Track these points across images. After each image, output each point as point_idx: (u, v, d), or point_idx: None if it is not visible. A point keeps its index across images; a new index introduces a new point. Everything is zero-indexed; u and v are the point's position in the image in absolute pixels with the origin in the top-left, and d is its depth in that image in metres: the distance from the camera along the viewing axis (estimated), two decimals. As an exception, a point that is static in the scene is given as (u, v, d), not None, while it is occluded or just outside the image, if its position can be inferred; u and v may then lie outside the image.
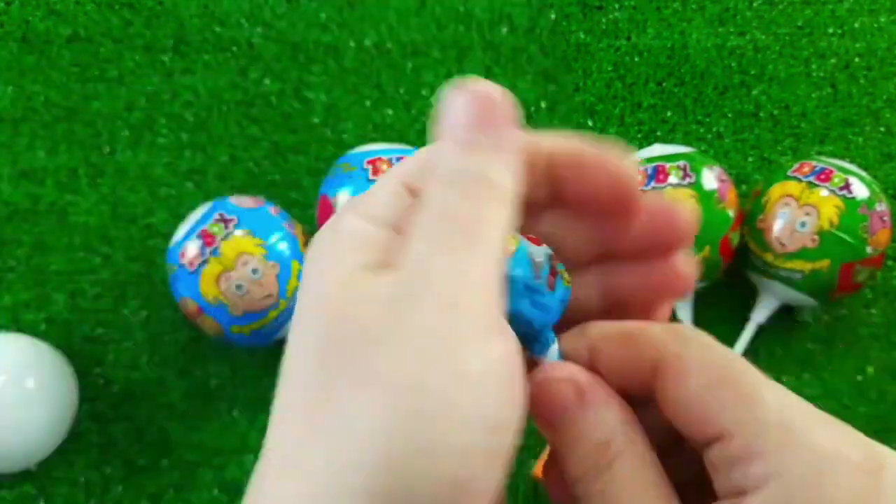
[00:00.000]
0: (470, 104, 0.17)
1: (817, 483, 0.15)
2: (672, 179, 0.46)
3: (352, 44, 0.58)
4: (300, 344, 0.17)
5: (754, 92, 0.58)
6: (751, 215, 0.49)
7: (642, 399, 0.19)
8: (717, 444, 0.17)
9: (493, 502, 0.16)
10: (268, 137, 0.55)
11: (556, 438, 0.19)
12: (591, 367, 0.19)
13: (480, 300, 0.16)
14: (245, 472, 0.48)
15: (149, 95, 0.56)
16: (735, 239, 0.47)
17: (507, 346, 0.16)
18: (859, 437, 0.16)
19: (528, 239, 0.19)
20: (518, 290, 0.18)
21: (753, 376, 0.17)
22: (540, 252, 0.19)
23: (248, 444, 0.49)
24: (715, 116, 0.57)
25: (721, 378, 0.17)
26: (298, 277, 0.45)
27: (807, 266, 0.46)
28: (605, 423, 0.18)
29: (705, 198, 0.45)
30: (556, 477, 0.20)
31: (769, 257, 0.47)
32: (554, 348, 0.19)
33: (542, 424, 0.19)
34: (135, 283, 0.52)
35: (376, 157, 0.47)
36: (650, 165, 0.47)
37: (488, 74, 0.57)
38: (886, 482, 0.15)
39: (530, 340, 0.19)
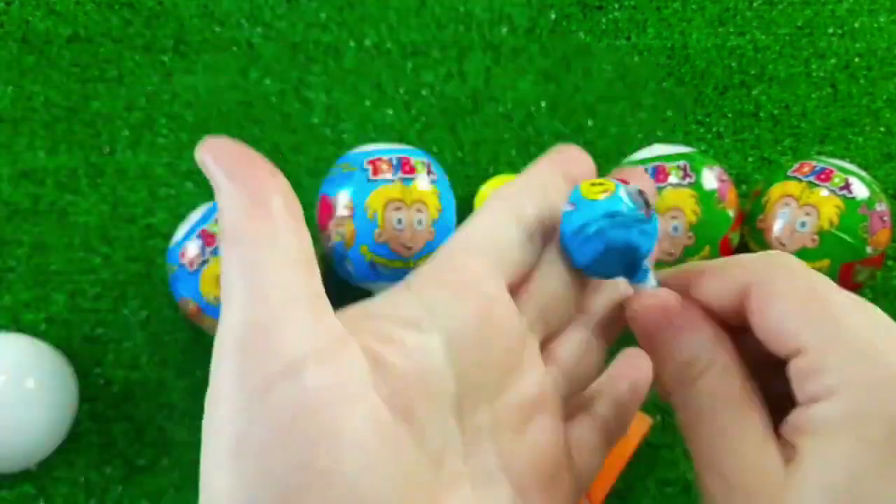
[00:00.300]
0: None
1: (880, 397, 0.17)
2: (672, 179, 0.46)
3: (352, 44, 0.58)
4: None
5: (754, 92, 0.58)
6: (751, 215, 0.49)
7: (738, 326, 0.20)
8: (796, 359, 0.18)
9: None
10: (268, 137, 0.55)
11: (652, 357, 0.21)
12: (687, 296, 0.21)
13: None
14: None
15: (149, 95, 0.56)
16: (735, 239, 0.47)
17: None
18: None
19: (619, 180, 0.21)
20: (627, 222, 0.20)
21: (837, 298, 0.19)
22: (634, 188, 0.21)
23: (248, 444, 0.49)
24: (715, 116, 0.57)
25: (804, 301, 0.19)
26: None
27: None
28: (690, 344, 0.20)
29: (705, 198, 0.45)
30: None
31: (769, 257, 0.47)
32: (652, 276, 0.21)
33: (642, 345, 0.21)
34: (135, 283, 0.52)
35: (376, 156, 0.47)
36: (650, 165, 0.47)
37: (488, 74, 0.58)
38: None
39: (634, 269, 0.21)
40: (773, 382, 0.20)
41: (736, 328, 0.21)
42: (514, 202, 0.22)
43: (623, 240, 0.20)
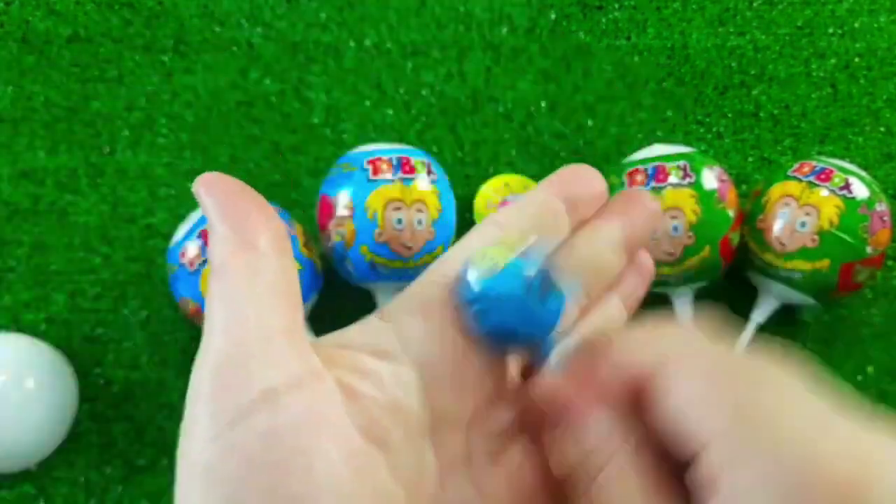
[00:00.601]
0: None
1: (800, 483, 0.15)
2: (672, 179, 0.46)
3: (352, 44, 0.58)
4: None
5: (754, 92, 0.58)
6: (751, 215, 0.49)
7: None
8: (701, 453, 0.16)
9: None
10: (268, 137, 0.55)
11: (549, 441, 0.20)
12: (591, 374, 0.19)
13: None
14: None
15: (149, 95, 0.56)
16: (735, 239, 0.47)
17: None
18: (846, 456, 0.15)
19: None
20: (508, 305, 0.18)
21: (743, 376, 0.17)
22: (532, 266, 0.19)
23: (248, 444, 0.49)
24: (715, 116, 0.57)
25: (711, 387, 0.17)
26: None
27: (807, 266, 0.46)
28: (589, 434, 0.18)
29: (705, 198, 0.45)
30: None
31: (769, 257, 0.47)
32: (553, 358, 0.19)
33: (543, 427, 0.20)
34: (135, 283, 0.52)
35: (376, 156, 0.47)
36: (650, 165, 0.47)
37: (488, 74, 0.58)
38: None
39: (530, 349, 0.19)
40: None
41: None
42: (504, 228, 0.21)
43: (499, 324, 0.18)
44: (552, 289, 0.19)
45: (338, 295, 0.49)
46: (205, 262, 0.44)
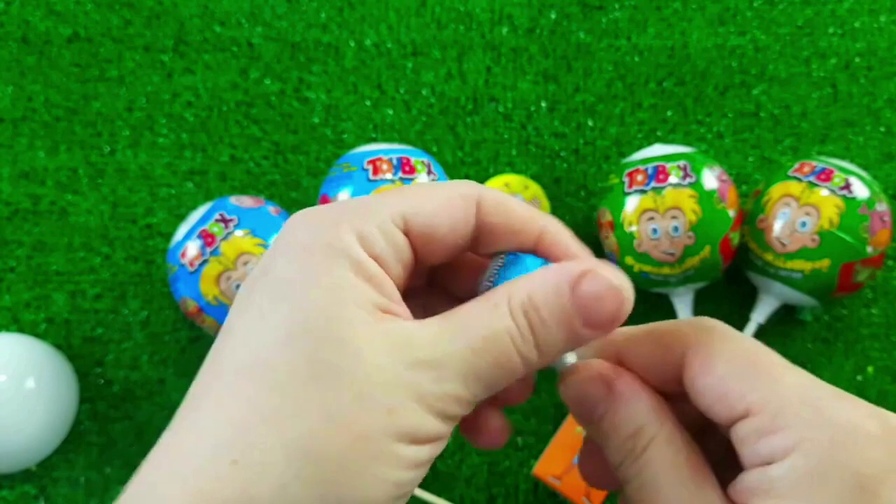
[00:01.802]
0: (606, 300, 0.19)
1: (838, 452, 0.17)
2: (672, 179, 0.46)
3: (352, 44, 0.58)
4: (283, 352, 0.18)
5: (755, 92, 0.58)
6: (751, 215, 0.49)
7: (670, 393, 0.20)
8: (744, 421, 0.18)
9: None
10: (268, 137, 0.56)
11: (593, 431, 0.21)
12: (620, 366, 0.21)
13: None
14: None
15: (149, 95, 0.56)
16: (735, 239, 0.47)
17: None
18: (875, 409, 0.18)
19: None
20: None
21: (774, 360, 0.19)
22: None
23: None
24: (715, 116, 0.57)
25: (745, 364, 0.19)
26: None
27: (807, 266, 0.46)
28: (636, 413, 0.20)
29: (706, 198, 0.45)
30: (592, 466, 0.22)
31: (769, 257, 0.47)
32: (569, 355, 0.21)
33: (579, 419, 0.21)
34: (135, 283, 0.52)
35: (376, 156, 0.47)
36: (650, 165, 0.47)
37: (489, 74, 0.58)
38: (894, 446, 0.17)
39: None
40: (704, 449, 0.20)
41: (666, 396, 0.21)
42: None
43: None
44: None
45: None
46: (205, 262, 0.44)
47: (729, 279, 0.51)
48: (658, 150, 0.48)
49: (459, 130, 0.56)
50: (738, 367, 0.19)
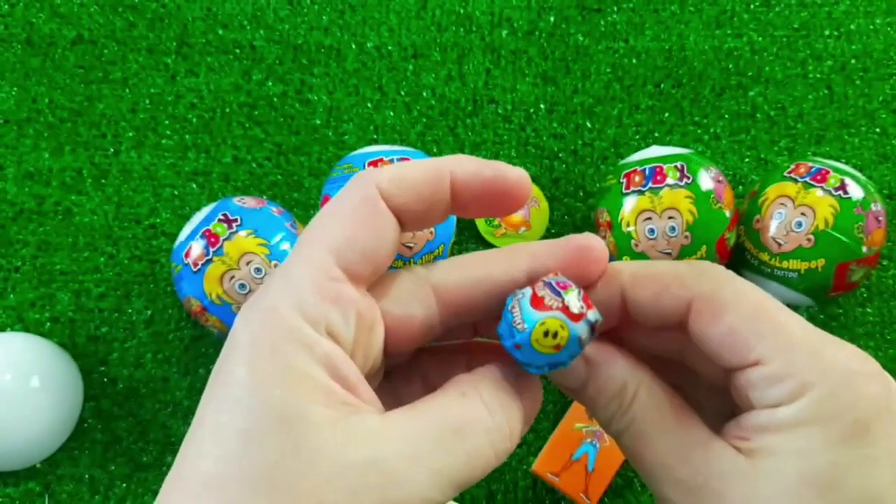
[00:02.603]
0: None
1: (843, 392, 0.18)
2: (669, 180, 0.46)
3: (353, 46, 0.59)
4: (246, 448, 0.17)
5: (751, 93, 0.58)
6: (747, 215, 0.49)
7: (667, 329, 0.21)
8: (753, 369, 0.19)
9: None
10: (270, 139, 0.56)
11: (579, 398, 0.22)
12: (623, 310, 0.21)
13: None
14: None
15: (153, 97, 0.56)
16: (731, 239, 0.48)
17: None
18: (866, 355, 0.19)
19: (566, 313, 0.20)
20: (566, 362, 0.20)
21: (781, 310, 0.20)
22: (585, 327, 0.20)
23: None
24: (712, 118, 0.58)
25: (753, 313, 0.19)
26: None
27: (802, 266, 0.46)
28: (616, 373, 0.21)
29: (702, 198, 0.46)
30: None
31: (765, 257, 0.48)
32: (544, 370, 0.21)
33: (566, 391, 0.22)
34: (139, 283, 0.52)
35: (377, 158, 0.47)
36: (647, 167, 0.47)
37: (488, 76, 0.58)
38: (887, 384, 0.19)
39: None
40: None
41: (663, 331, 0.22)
42: (537, 259, 0.22)
43: (541, 366, 0.20)
44: (597, 329, 0.20)
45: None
46: (208, 261, 0.44)
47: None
48: (655, 151, 0.49)
49: (459, 132, 0.57)
50: (747, 317, 0.19)
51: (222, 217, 0.45)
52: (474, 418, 0.18)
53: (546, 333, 0.19)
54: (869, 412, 0.18)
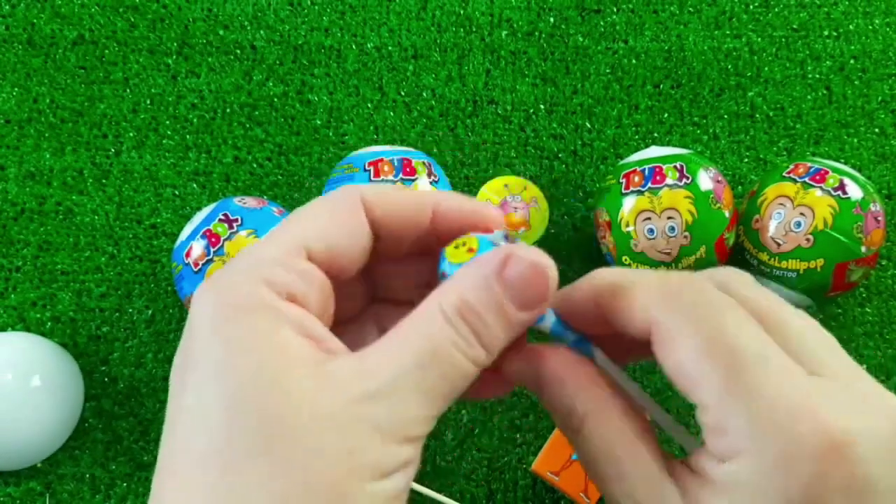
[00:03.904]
0: (531, 279, 0.19)
1: (781, 471, 0.17)
2: (668, 180, 0.46)
3: (353, 47, 0.59)
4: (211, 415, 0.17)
5: (750, 94, 0.58)
6: (746, 215, 0.49)
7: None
8: (698, 411, 0.18)
9: None
10: (271, 139, 0.56)
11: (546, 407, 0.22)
12: (600, 315, 0.21)
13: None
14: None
15: (154, 97, 0.57)
16: (731, 239, 0.48)
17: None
18: (827, 415, 0.17)
19: (478, 232, 0.21)
20: None
21: (741, 344, 0.18)
22: (497, 235, 0.21)
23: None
24: (711, 118, 0.58)
25: (705, 349, 0.18)
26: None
27: (801, 265, 0.46)
28: (564, 397, 0.20)
29: (701, 198, 0.46)
30: None
31: (764, 257, 0.48)
32: (547, 319, 0.21)
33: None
34: (140, 283, 0.52)
35: (378, 158, 0.47)
36: (647, 167, 0.47)
37: (488, 77, 0.58)
38: (836, 477, 0.16)
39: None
40: None
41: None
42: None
43: None
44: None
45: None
46: (209, 261, 0.44)
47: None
48: (654, 151, 0.49)
49: (459, 132, 0.57)
50: (699, 355, 0.18)
51: (223, 217, 0.45)
52: (443, 337, 0.19)
53: (456, 246, 0.21)
54: (803, 496, 0.16)
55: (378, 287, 0.24)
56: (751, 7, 0.61)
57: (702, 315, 0.19)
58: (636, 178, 0.47)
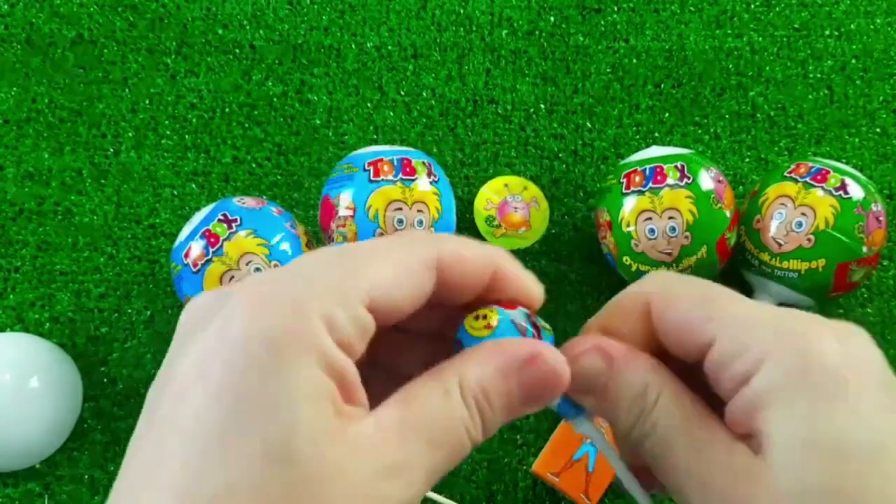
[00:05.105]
0: (548, 383, 0.20)
1: (802, 355, 0.18)
2: (669, 180, 0.46)
3: (353, 46, 0.59)
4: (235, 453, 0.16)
5: (751, 93, 0.58)
6: (747, 215, 0.49)
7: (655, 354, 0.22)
8: (712, 350, 0.20)
9: None
10: (270, 139, 0.56)
11: (599, 402, 0.22)
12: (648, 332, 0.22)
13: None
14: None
15: (152, 97, 0.57)
16: (732, 239, 0.48)
17: None
18: (819, 319, 0.20)
19: (503, 306, 0.21)
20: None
21: (726, 293, 0.21)
22: (519, 314, 0.21)
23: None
24: (712, 118, 0.58)
25: (701, 299, 0.21)
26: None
27: (803, 266, 0.46)
28: (639, 373, 0.21)
29: (702, 198, 0.46)
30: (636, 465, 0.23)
31: (766, 257, 0.48)
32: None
33: (581, 395, 0.22)
34: (139, 283, 0.52)
35: (377, 158, 0.47)
36: (648, 167, 0.47)
37: (488, 77, 0.58)
38: (852, 347, 0.19)
39: None
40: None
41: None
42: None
43: None
44: (542, 329, 0.22)
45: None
46: (208, 261, 0.44)
47: (725, 279, 0.52)
48: (655, 151, 0.49)
49: (459, 132, 0.57)
50: (695, 304, 0.21)
51: (222, 217, 0.45)
52: (458, 417, 0.19)
53: (477, 317, 0.21)
54: (838, 368, 0.18)
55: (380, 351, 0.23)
56: (752, 6, 0.61)
57: (688, 281, 0.21)
58: (637, 178, 0.47)
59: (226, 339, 0.17)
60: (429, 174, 0.48)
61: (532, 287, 0.22)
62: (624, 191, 0.47)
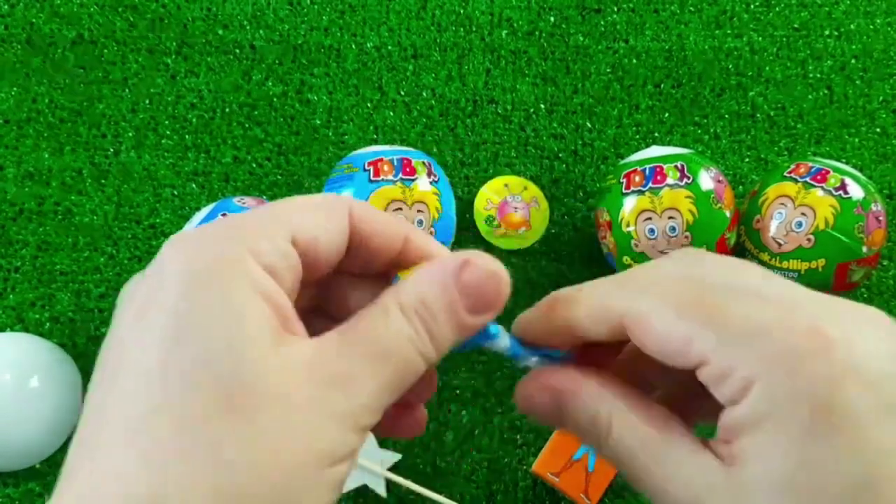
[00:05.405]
0: (487, 286, 0.20)
1: (789, 380, 0.17)
2: (669, 180, 0.46)
3: (353, 46, 0.59)
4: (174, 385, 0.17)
5: (751, 93, 0.58)
6: (747, 215, 0.49)
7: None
8: (701, 369, 0.19)
9: None
10: (270, 139, 0.56)
11: (567, 431, 0.22)
12: (563, 331, 0.22)
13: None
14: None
15: (153, 97, 0.57)
16: (732, 239, 0.48)
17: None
18: (814, 323, 0.18)
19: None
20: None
21: (718, 285, 0.19)
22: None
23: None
24: (712, 118, 0.58)
25: (679, 311, 0.19)
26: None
27: (803, 266, 0.46)
28: (587, 403, 0.21)
29: (702, 198, 0.46)
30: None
31: (765, 257, 0.48)
32: (503, 333, 0.22)
33: (552, 426, 0.22)
34: (139, 283, 0.52)
35: (377, 158, 0.47)
36: (647, 167, 0.47)
37: (488, 77, 0.58)
38: (851, 361, 0.17)
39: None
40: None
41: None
42: None
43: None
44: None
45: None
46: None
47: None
48: (655, 151, 0.49)
49: (459, 132, 0.57)
50: (672, 320, 0.19)
51: (222, 217, 0.45)
52: (402, 331, 0.19)
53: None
54: (824, 394, 0.17)
55: (322, 299, 0.24)
56: (752, 6, 0.61)
57: (663, 289, 0.20)
58: (637, 178, 0.47)
59: (161, 281, 0.18)
60: (429, 174, 0.48)
61: (444, 254, 0.22)
62: (624, 191, 0.47)
